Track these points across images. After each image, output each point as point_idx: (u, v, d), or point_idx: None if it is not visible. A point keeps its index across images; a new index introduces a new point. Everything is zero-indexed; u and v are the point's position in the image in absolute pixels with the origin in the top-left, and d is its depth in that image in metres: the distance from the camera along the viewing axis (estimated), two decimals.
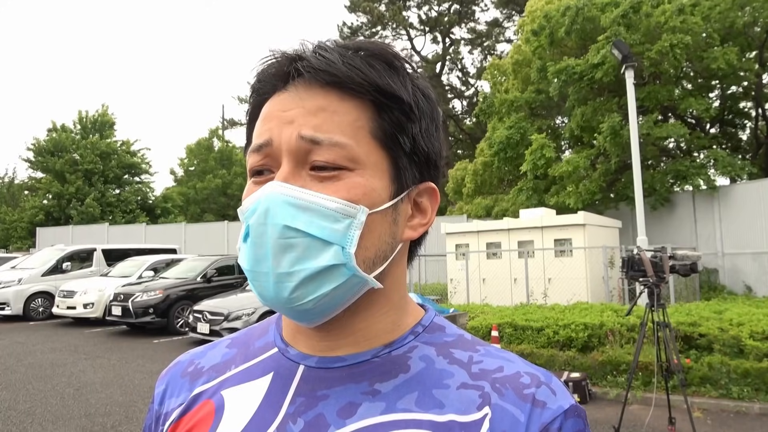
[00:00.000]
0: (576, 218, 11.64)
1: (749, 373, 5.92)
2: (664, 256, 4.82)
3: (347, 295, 0.61)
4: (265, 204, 0.57)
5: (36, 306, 14.21)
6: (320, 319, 0.62)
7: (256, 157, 0.62)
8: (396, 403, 0.60)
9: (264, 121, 0.62)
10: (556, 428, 0.58)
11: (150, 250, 16.87)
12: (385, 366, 0.63)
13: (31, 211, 28.23)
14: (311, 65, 0.60)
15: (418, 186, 0.66)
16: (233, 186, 29.43)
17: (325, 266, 0.57)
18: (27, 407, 6.14)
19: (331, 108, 0.60)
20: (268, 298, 0.59)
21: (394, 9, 33.63)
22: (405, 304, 0.68)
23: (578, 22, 14.31)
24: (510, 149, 16.85)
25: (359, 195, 0.59)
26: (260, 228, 0.57)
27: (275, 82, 0.64)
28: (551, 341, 7.10)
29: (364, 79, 0.60)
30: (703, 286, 13.15)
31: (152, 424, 0.73)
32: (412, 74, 0.65)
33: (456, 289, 12.59)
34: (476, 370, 0.63)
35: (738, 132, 17.62)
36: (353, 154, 0.59)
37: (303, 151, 0.59)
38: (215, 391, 0.68)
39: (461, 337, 0.68)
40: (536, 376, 0.62)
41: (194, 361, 0.75)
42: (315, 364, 0.64)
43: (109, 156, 29.60)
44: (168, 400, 0.72)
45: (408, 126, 0.63)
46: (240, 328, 9.99)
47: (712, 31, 13.65)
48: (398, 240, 0.64)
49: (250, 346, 0.72)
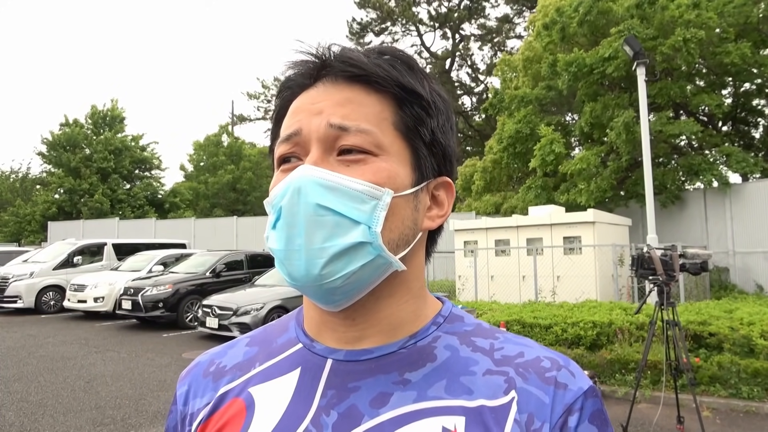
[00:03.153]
0: (585, 216, 11.57)
1: (759, 372, 5.87)
2: (674, 255, 4.79)
3: (373, 276, 0.63)
4: (297, 184, 0.61)
5: (47, 299, 14.36)
6: (346, 301, 0.64)
7: (285, 146, 0.66)
8: (427, 392, 0.63)
9: (293, 114, 0.67)
10: (579, 408, 0.62)
11: (160, 245, 17.00)
12: (412, 356, 0.66)
13: (43, 205, 28.50)
14: (340, 59, 0.65)
15: (436, 179, 0.70)
16: (242, 181, 29.55)
17: (353, 243, 0.60)
18: (38, 399, 6.22)
19: (358, 100, 0.64)
20: (298, 276, 0.61)
21: (403, 5, 33.52)
22: (424, 294, 0.71)
23: (591, 14, 14.17)
24: (519, 144, 16.75)
25: (384, 178, 0.63)
26: (294, 207, 0.61)
27: (303, 80, 0.68)
28: (559, 339, 7.08)
29: (387, 75, 0.64)
30: (714, 285, 13.04)
31: (177, 424, 0.74)
32: (429, 77, 0.70)
33: (464, 286, 12.57)
34: (499, 356, 0.66)
35: (751, 130, 17.41)
36: (378, 140, 0.63)
37: (331, 137, 0.63)
38: (242, 389, 0.69)
39: (480, 326, 0.71)
40: (555, 360, 0.66)
41: (215, 361, 0.76)
42: (343, 357, 0.67)
43: (122, 152, 29.82)
44: (192, 400, 0.73)
45: (427, 120, 0.67)
46: (249, 323, 10.00)
47: (727, 26, 13.48)
48: (419, 228, 0.68)
49: (272, 344, 0.74)
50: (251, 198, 30.31)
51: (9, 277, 14.26)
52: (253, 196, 30.35)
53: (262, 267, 13.63)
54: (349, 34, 35.42)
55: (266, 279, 11.91)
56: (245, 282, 12.61)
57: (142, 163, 31.26)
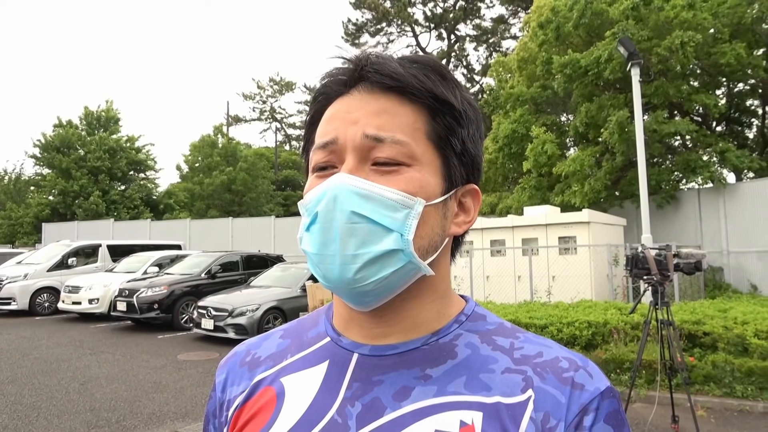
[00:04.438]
0: (581, 216, 11.60)
1: (753, 371, 5.90)
2: (668, 254, 4.81)
3: (403, 280, 0.66)
4: (333, 192, 0.63)
5: (42, 301, 14.30)
6: (376, 302, 0.67)
7: (321, 153, 0.68)
8: (447, 387, 0.65)
9: (329, 121, 0.68)
10: (594, 408, 0.63)
11: (155, 246, 16.95)
12: (434, 353, 0.69)
13: (37, 207, 28.35)
14: (376, 68, 0.66)
15: (464, 186, 0.72)
16: (237, 182, 29.48)
17: (386, 250, 0.63)
18: (33, 401, 6.19)
19: (393, 110, 0.66)
20: (332, 279, 0.64)
21: (399, 5, 33.55)
22: (449, 295, 0.74)
23: (586, 15, 14.20)
24: (515, 144, 16.78)
25: (416, 188, 0.65)
26: (329, 214, 0.63)
27: (339, 87, 0.70)
28: (555, 339, 7.09)
29: (422, 86, 0.66)
30: (708, 285, 13.10)
31: (216, 410, 0.79)
32: (460, 85, 0.72)
33: (460, 287, 12.57)
34: (518, 355, 0.68)
35: (744, 130, 17.51)
36: (412, 151, 0.66)
37: (366, 147, 0.65)
38: (274, 379, 0.73)
39: (501, 325, 0.74)
40: (574, 361, 0.67)
41: (251, 351, 0.80)
42: (368, 352, 0.70)
43: (117, 153, 29.70)
44: (230, 387, 0.77)
45: (458, 130, 0.69)
46: (244, 325, 9.99)
47: (721, 26, 13.54)
48: (446, 233, 0.70)
49: (303, 336, 0.78)
50: (246, 199, 30.22)
51: (3, 278, 14.17)
52: (248, 197, 30.26)
53: (257, 268, 13.61)
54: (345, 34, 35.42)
55: (262, 280, 11.89)
56: (241, 283, 12.58)
57: (137, 165, 31.14)
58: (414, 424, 0.63)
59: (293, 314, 10.12)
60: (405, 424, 0.63)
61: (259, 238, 20.85)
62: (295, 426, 0.67)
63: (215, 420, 0.78)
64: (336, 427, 0.65)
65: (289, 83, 45.24)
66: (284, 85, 45.31)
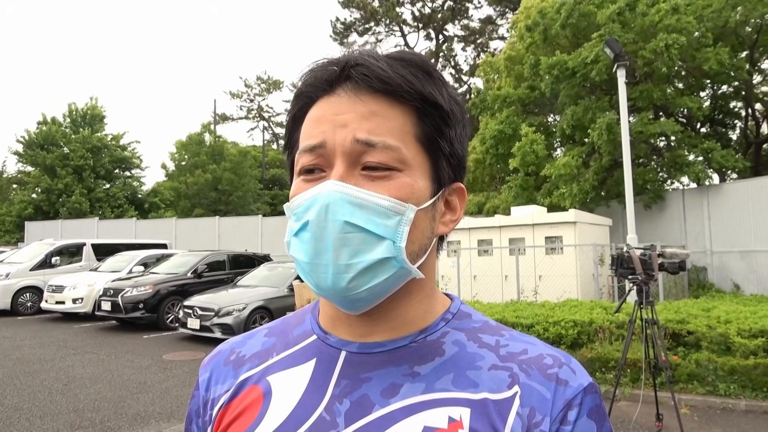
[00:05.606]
0: (567, 216, 11.68)
1: (736, 370, 5.98)
2: (653, 254, 4.85)
3: (394, 285, 0.66)
4: (325, 200, 0.62)
5: (24, 301, 14.09)
6: (367, 306, 0.67)
7: (308, 156, 0.66)
8: (435, 384, 0.66)
9: (316, 123, 0.66)
10: (578, 403, 0.65)
11: (140, 245, 16.77)
12: (422, 350, 0.69)
13: (19, 205, 27.93)
14: (366, 72, 0.65)
15: (451, 185, 0.72)
16: (223, 181, 29.29)
17: (379, 259, 0.63)
18: (14, 402, 6.09)
19: (382, 113, 0.65)
20: (325, 288, 0.64)
21: (387, 5, 33.57)
22: (435, 293, 0.75)
23: (573, 17, 14.32)
24: (502, 145, 16.86)
25: (408, 194, 0.64)
26: (321, 223, 0.62)
27: (324, 86, 0.68)
28: (541, 338, 7.09)
29: (411, 87, 0.65)
30: (692, 284, 13.26)
31: (199, 408, 0.78)
32: (446, 83, 0.71)
33: (447, 286, 12.61)
34: (504, 353, 0.69)
35: (728, 131, 17.77)
36: (402, 156, 0.65)
37: (357, 152, 0.64)
38: (260, 377, 0.73)
39: (486, 323, 0.75)
40: (558, 358, 0.69)
41: (235, 350, 0.79)
42: (356, 349, 0.70)
43: (101, 151, 29.35)
44: (214, 386, 0.76)
45: (446, 131, 0.69)
46: (231, 324, 9.92)
47: (705, 30, 13.72)
48: (434, 234, 0.71)
49: (289, 335, 0.77)
50: (233, 198, 30.02)
51: None
52: (235, 195, 30.08)
53: (244, 267, 13.53)
54: (333, 33, 35.36)
55: (248, 280, 11.82)
56: (227, 283, 12.50)
57: (122, 162, 30.80)
58: (402, 421, 0.63)
59: (280, 314, 10.01)
60: (394, 420, 0.63)
61: (246, 238, 20.73)
62: (283, 424, 0.66)
63: (198, 419, 0.78)
64: (324, 425, 0.65)
65: (277, 82, 45.07)
66: (272, 84, 45.12)
